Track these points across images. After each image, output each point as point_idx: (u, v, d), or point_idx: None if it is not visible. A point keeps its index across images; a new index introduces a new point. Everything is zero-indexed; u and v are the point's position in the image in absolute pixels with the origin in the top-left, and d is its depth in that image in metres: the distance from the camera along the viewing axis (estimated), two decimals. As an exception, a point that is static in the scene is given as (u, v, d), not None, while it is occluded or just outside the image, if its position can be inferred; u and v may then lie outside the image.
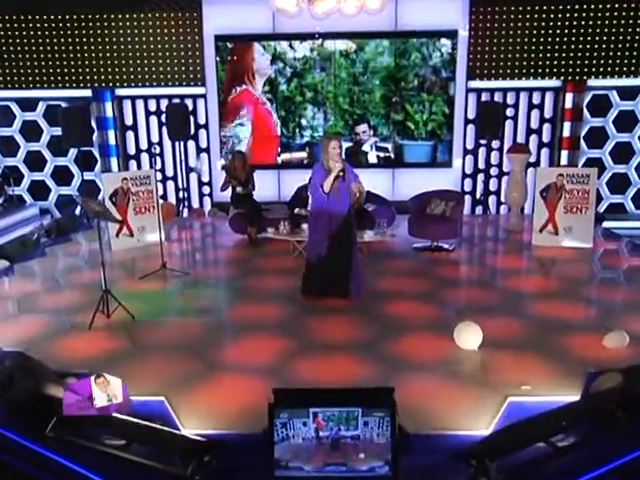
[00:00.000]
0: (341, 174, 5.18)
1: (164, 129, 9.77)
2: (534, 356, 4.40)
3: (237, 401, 3.78)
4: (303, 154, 9.99)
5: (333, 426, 3.12)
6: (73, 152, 10.16)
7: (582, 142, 9.82)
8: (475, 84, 9.70)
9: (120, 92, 9.92)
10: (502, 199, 10.15)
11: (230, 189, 8.02)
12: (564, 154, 9.85)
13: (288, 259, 7.07)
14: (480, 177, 10.12)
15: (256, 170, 8.26)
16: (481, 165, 10.07)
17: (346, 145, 9.85)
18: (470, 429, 3.42)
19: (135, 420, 3.32)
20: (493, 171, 10.10)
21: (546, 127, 9.88)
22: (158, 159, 9.92)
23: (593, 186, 7.39)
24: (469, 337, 4.48)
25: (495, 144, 9.90)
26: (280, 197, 10.05)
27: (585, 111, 9.69)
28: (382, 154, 9.95)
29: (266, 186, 9.52)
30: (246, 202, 8.01)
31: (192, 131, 9.77)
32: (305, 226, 7.21)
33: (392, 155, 9.97)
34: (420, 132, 9.88)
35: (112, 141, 10.00)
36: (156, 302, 5.72)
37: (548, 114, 9.82)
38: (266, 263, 7.03)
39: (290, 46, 9.59)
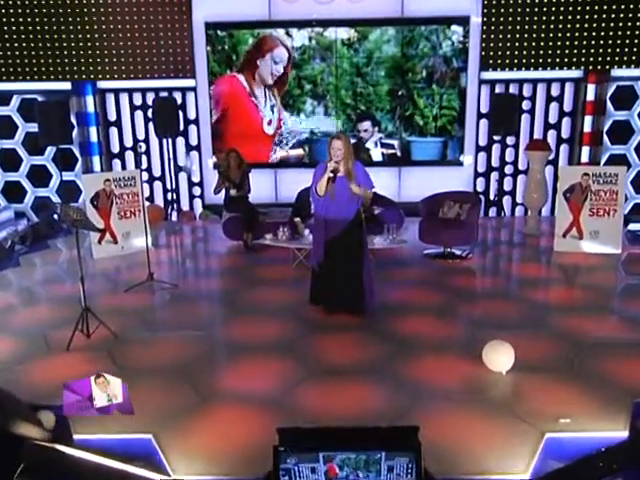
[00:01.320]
0: (332, 175, 4.88)
1: (151, 125, 9.46)
2: (569, 380, 4.12)
3: (235, 439, 3.47)
4: (300, 151, 9.69)
5: (350, 473, 2.82)
6: (51, 150, 9.82)
7: (605, 137, 9.54)
8: (488, 75, 9.43)
9: (102, 85, 9.59)
10: (518, 200, 9.89)
11: (224, 191, 7.72)
12: (585, 151, 9.58)
13: (288, 269, 6.77)
14: (494, 176, 9.84)
15: (252, 170, 7.97)
16: (495, 163, 9.79)
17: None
18: (505, 472, 3.13)
19: (117, 466, 3.01)
20: (508, 169, 9.82)
21: (565, 121, 9.61)
22: (144, 158, 9.64)
23: (622, 186, 7.12)
24: (501, 358, 4.19)
25: (510, 140, 9.63)
26: (277, 199, 9.77)
27: (608, 104, 9.42)
28: (387, 151, 9.66)
29: (262, 187, 9.21)
30: (241, 205, 7.71)
31: (181, 127, 9.47)
32: (307, 232, 6.95)
33: (398, 152, 9.68)
34: (429, 127, 9.60)
35: (94, 138, 9.68)
36: (142, 319, 5.40)
37: (568, 107, 9.54)
38: (264, 273, 6.73)
39: (287, 34, 9.30)
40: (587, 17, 9.08)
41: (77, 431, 3.45)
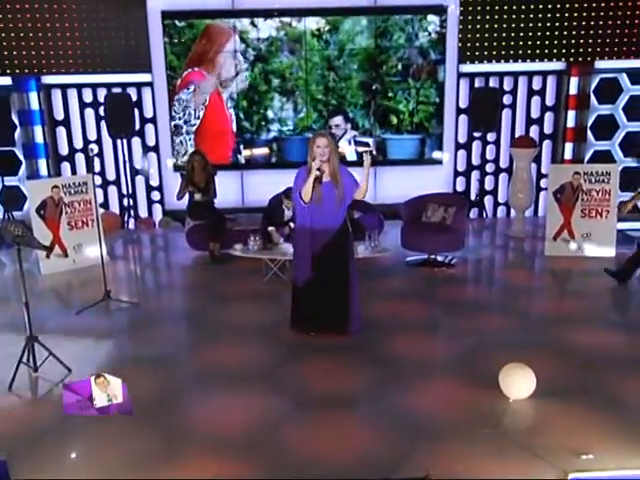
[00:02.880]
0: (318, 173, 4.50)
1: (103, 124, 8.89)
2: (587, 407, 3.83)
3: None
4: (265, 150, 9.26)
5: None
6: (-10, 153, 9.17)
7: (589, 133, 9.41)
8: (467, 68, 9.18)
9: (48, 80, 8.96)
10: (500, 200, 9.68)
11: (187, 196, 7.26)
12: (568, 147, 9.43)
13: (260, 282, 6.35)
14: (474, 175, 9.61)
15: (218, 172, 7.53)
16: (475, 161, 9.56)
17: (320, 140, 9.22)
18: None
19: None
20: (489, 168, 9.60)
21: (548, 116, 9.43)
22: (97, 160, 9.05)
23: (615, 185, 6.95)
24: (521, 383, 3.88)
25: (491, 137, 9.40)
26: (244, 203, 9.32)
27: (592, 97, 9.28)
28: (369, 149, 9.30)
29: (227, 190, 8.75)
30: (206, 211, 7.26)
31: (137, 126, 8.94)
32: (281, 240, 6.55)
33: (374, 151, 9.35)
34: (406, 124, 9.30)
35: (39, 139, 9.05)
36: (99, 346, 4.91)
37: (550, 102, 9.37)
38: (234, 288, 6.30)
39: (252, 24, 8.86)
40: (569, 6, 8.91)
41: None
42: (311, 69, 9.06)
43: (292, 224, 6.78)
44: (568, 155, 9.44)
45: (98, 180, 9.11)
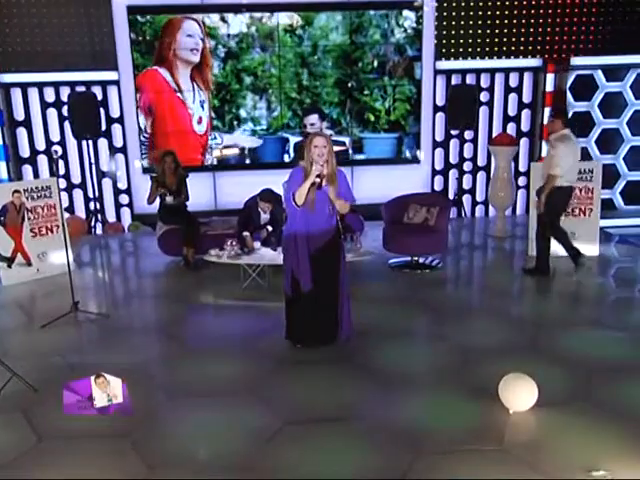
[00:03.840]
0: (317, 180, 4.21)
1: (67, 125, 8.48)
2: (591, 417, 3.65)
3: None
4: (235, 150, 8.95)
5: None
6: (-54, 156, 8.67)
7: (565, 130, 9.33)
8: (444, 65, 9.03)
9: (6, 78, 8.50)
10: (478, 199, 9.56)
11: (158, 200, 6.91)
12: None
13: (239, 289, 6.06)
14: (452, 174, 9.46)
15: (189, 174, 7.20)
16: (453, 160, 9.41)
17: (294, 140, 8.98)
18: None
19: None
20: (467, 166, 9.47)
21: (525, 113, 9.34)
22: (61, 163, 8.62)
23: (598, 183, 6.84)
24: (524, 394, 3.67)
25: (468, 135, 9.27)
26: (217, 206, 9.01)
27: (569, 94, 9.21)
28: (338, 149, 9.07)
29: (198, 193, 8.40)
30: (179, 215, 6.93)
31: (103, 126, 8.54)
32: (257, 244, 6.27)
33: (350, 150, 9.13)
34: (382, 123, 9.10)
35: (-2, 141, 8.61)
36: (68, 364, 4.56)
37: (527, 99, 9.27)
38: (211, 296, 6.02)
39: (223, 19, 8.55)
40: (545, 3, 8.84)
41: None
42: (284, 66, 8.79)
43: (269, 227, 6.52)
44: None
45: (63, 183, 8.71)
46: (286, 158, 9.03)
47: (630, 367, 4.29)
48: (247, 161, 9.02)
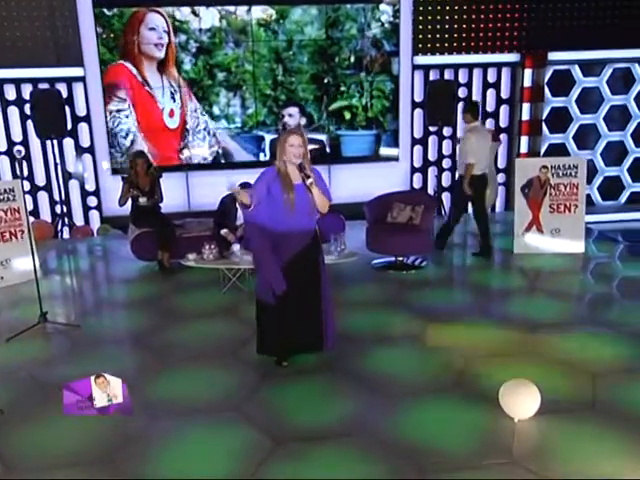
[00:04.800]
0: (306, 180, 3.92)
1: (30, 124, 8.02)
2: (596, 424, 3.45)
3: None
4: (205, 150, 8.61)
5: None
6: None
7: (544, 126, 9.23)
8: (422, 60, 8.83)
9: (-37, 75, 8.04)
10: (457, 196, 9.40)
11: (130, 201, 6.56)
12: (524, 140, 9.23)
13: (218, 295, 5.75)
14: (432, 171, 9.28)
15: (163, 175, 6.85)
16: (432, 157, 9.23)
17: (270, 137, 8.69)
18: None
19: None
20: (445, 163, 9.30)
21: (503, 109, 9.21)
22: (24, 164, 8.17)
23: (583, 179, 6.72)
24: (526, 402, 3.45)
25: (447, 131, 9.10)
26: (190, 207, 8.66)
27: (546, 90, 9.10)
28: (315, 147, 8.81)
29: (171, 194, 8.02)
30: (152, 217, 6.58)
31: (69, 125, 8.11)
32: (237, 247, 5.96)
33: (327, 148, 8.88)
34: (360, 119, 8.87)
35: (-44, 142, 8.13)
36: (36, 382, 4.19)
37: (505, 94, 9.15)
38: (188, 303, 5.67)
39: (194, 13, 8.20)
40: (520, -4, 8.75)
41: None
42: (258, 62, 8.49)
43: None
44: (524, 149, 9.26)
45: (26, 186, 8.26)
46: (262, 157, 8.73)
47: (631, 369, 4.13)
48: (222, 160, 8.69)
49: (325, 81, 8.66)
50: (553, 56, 8.94)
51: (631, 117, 9.40)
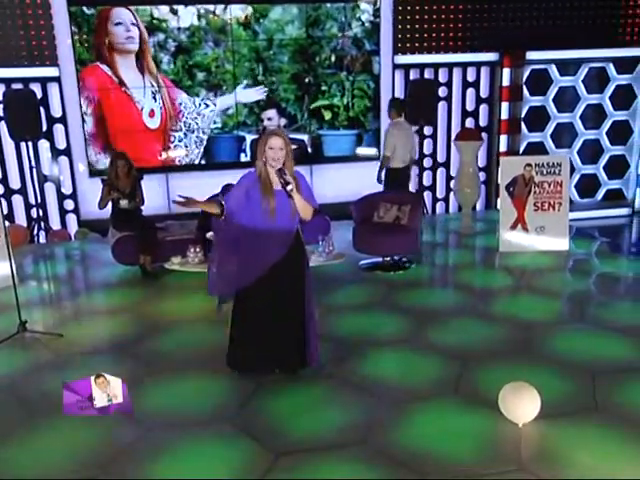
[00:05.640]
0: (286, 184, 3.61)
1: (3, 125, 7.69)
2: (599, 426, 3.37)
3: None
4: (181, 151, 8.36)
5: None
6: None
7: (522, 125, 9.19)
8: (402, 59, 8.72)
9: None
10: (438, 195, 9.32)
11: (110, 204, 6.30)
12: (503, 139, 9.18)
13: (204, 300, 5.52)
14: (413, 170, 9.15)
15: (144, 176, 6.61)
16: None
17: (251, 137, 8.48)
18: None
19: None
20: (426, 162, 9.20)
21: (483, 108, 9.15)
22: (-3, 167, 7.85)
23: (566, 177, 6.67)
24: (527, 405, 3.34)
25: (427, 130, 9.00)
26: (171, 209, 8.40)
27: (524, 89, 9.06)
28: (295, 147, 8.62)
29: (151, 195, 7.77)
30: (134, 220, 6.33)
31: (44, 127, 7.79)
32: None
33: (309, 148, 8.71)
34: (341, 119, 8.71)
35: None
36: (16, 397, 3.95)
37: (484, 93, 9.09)
38: (172, 308, 5.45)
39: (172, 11, 7.94)
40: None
41: None
42: (239, 61, 8.27)
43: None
44: (503, 147, 9.21)
45: (0, 189, 7.92)
46: (242, 157, 8.52)
47: (630, 369, 4.05)
48: (202, 161, 8.46)
49: (306, 81, 8.49)
50: (531, 55, 8.90)
51: (606, 116, 9.42)
